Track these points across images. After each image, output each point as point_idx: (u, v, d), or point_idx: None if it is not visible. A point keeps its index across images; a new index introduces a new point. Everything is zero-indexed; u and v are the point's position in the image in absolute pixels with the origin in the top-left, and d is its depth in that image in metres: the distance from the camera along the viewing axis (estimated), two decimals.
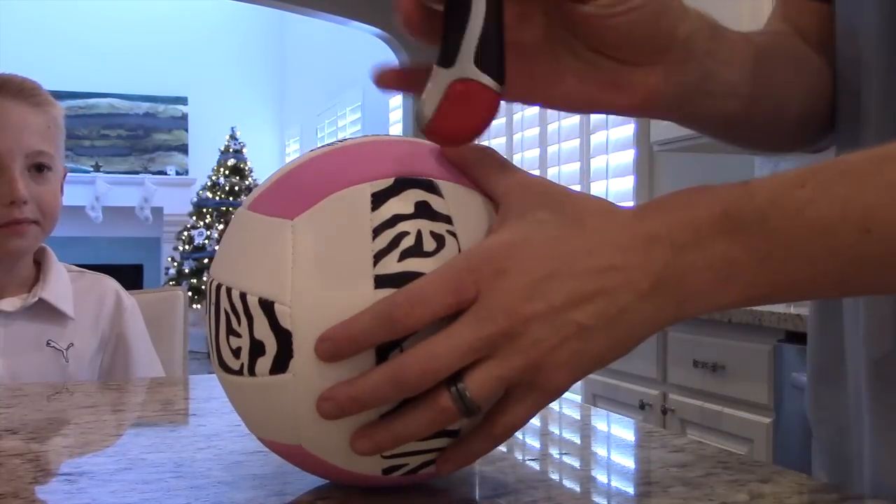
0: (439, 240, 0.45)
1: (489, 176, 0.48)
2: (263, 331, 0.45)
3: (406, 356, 0.43)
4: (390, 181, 0.47)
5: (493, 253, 0.43)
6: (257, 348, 0.46)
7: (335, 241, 0.45)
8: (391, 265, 0.44)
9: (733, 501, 0.50)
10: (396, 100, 5.97)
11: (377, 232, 0.45)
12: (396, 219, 0.45)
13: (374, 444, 0.45)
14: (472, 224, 0.46)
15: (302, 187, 0.48)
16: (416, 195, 0.46)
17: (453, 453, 0.47)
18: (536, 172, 2.79)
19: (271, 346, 0.45)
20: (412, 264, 0.44)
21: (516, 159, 4.29)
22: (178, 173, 8.96)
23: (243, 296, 0.46)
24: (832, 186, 0.42)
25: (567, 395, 0.48)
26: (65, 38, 8.36)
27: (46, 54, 8.09)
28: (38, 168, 1.18)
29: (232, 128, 8.26)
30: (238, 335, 0.47)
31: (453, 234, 0.46)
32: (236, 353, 0.47)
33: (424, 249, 0.45)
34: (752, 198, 0.43)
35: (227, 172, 8.03)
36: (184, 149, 9.00)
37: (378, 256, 0.44)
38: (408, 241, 0.45)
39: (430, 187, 0.47)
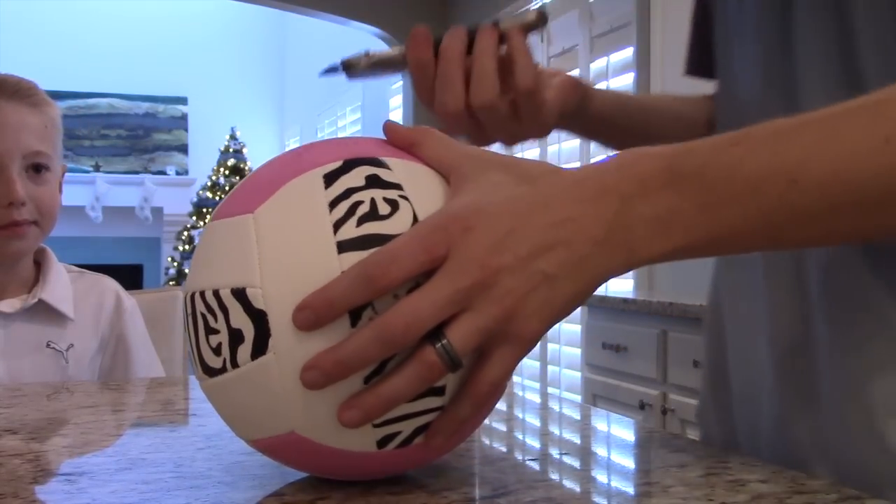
0: (393, 204, 0.48)
1: (436, 151, 0.52)
2: (239, 318, 0.47)
3: (388, 315, 0.44)
4: (339, 163, 0.50)
5: (458, 213, 0.46)
6: (236, 337, 0.47)
7: (295, 220, 0.48)
8: (351, 231, 0.47)
9: (733, 501, 0.50)
10: (396, 100, 5.97)
11: (333, 204, 0.47)
12: (350, 191, 0.48)
13: (363, 413, 0.46)
14: (423, 189, 0.49)
15: (258, 186, 0.50)
16: (365, 171, 0.49)
17: (442, 422, 0.48)
18: None
19: (249, 330, 0.47)
20: (371, 227, 0.47)
21: None
22: (178, 173, 8.94)
23: (216, 292, 0.48)
24: (763, 144, 0.47)
25: (567, 394, 0.48)
26: (65, 38, 8.35)
27: (46, 54, 8.08)
28: (36, 168, 1.18)
29: (232, 128, 8.25)
30: (216, 331, 0.48)
31: (406, 198, 0.48)
32: (217, 350, 0.48)
33: (380, 213, 0.47)
34: (692, 155, 0.47)
35: (227, 172, 8.02)
36: (184, 149, 8.99)
37: (337, 225, 0.47)
38: (363, 208, 0.47)
39: (378, 163, 0.50)
